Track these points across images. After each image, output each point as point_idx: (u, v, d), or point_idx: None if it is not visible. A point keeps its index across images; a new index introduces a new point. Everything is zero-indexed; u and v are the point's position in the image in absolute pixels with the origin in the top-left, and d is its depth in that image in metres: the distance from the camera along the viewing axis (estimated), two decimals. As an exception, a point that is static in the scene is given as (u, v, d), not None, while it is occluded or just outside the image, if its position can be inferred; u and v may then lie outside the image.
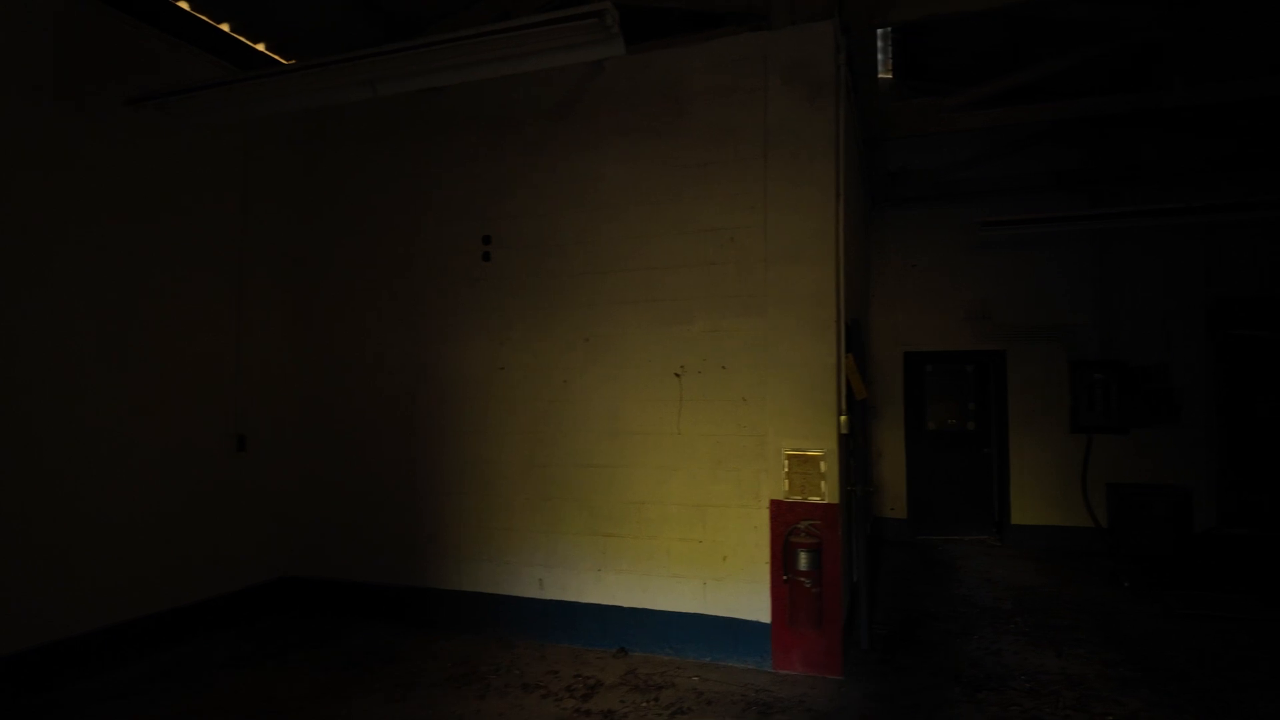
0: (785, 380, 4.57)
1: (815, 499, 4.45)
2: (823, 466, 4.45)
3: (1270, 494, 7.51)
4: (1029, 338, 8.30)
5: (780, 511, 4.51)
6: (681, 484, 4.81)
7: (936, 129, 6.52)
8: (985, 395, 8.71)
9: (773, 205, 4.66)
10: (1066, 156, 8.14)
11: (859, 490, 4.94)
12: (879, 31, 7.22)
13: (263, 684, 4.29)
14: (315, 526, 5.79)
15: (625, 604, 4.88)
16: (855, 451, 5.02)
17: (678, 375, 4.85)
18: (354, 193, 5.85)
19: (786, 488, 4.51)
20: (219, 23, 5.31)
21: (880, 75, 7.89)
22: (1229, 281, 7.76)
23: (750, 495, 4.63)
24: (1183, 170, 7.61)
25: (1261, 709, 3.92)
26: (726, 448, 4.71)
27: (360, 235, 5.81)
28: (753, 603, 4.59)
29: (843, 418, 4.58)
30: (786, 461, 4.52)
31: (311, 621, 5.48)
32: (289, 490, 5.80)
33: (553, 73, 5.21)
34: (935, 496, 8.68)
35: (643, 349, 4.95)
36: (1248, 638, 5.05)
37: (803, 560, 4.32)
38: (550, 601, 5.07)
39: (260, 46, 5.69)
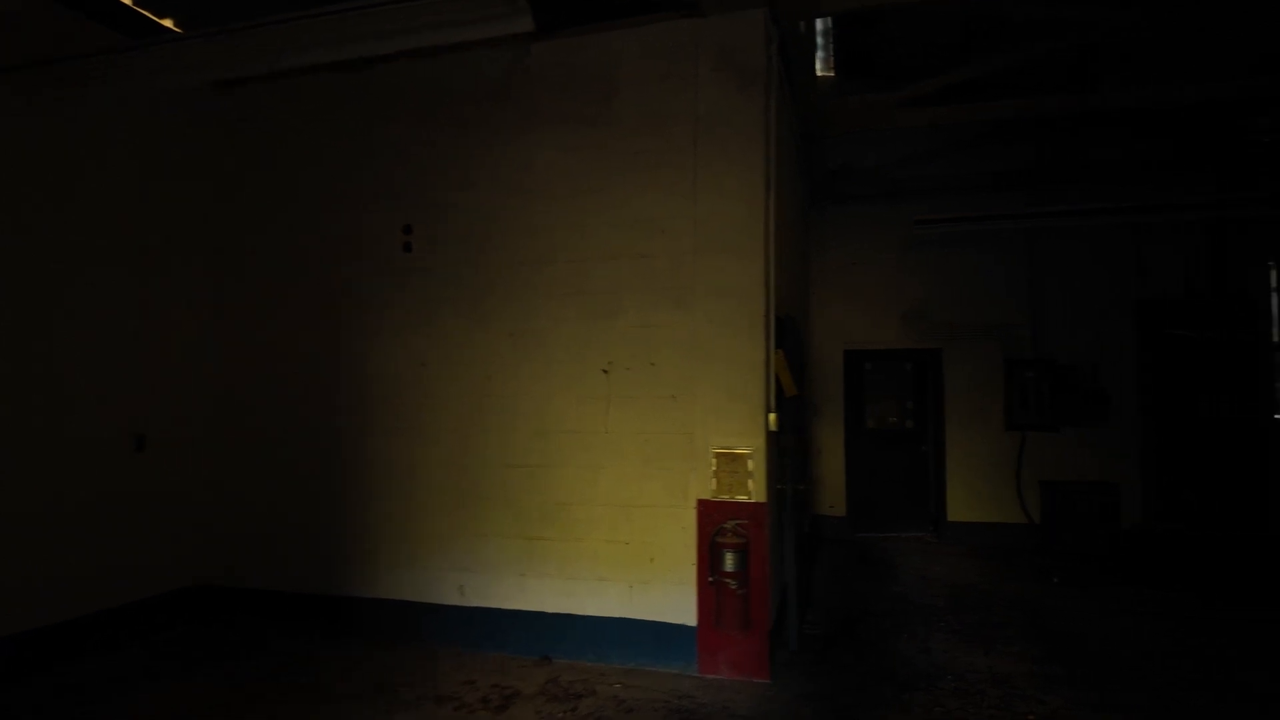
0: (714, 377, 4.45)
1: (743, 498, 4.34)
2: (750, 465, 4.34)
3: (1196, 490, 7.72)
4: (965, 336, 8.38)
5: (708, 511, 4.38)
6: (609, 484, 4.65)
7: (878, 125, 6.50)
8: (923, 394, 8.78)
9: (702, 196, 4.54)
10: (1009, 155, 8.21)
11: (790, 489, 4.86)
12: (820, 26, 7.19)
13: (165, 701, 3.98)
14: (229, 531, 5.45)
15: (550, 610, 4.70)
16: (787, 449, 4.93)
17: (605, 371, 4.69)
18: (274, 176, 5.52)
19: (714, 486, 4.39)
20: (119, -4, 4.95)
21: (823, 73, 7.89)
22: (1158, 282, 7.95)
23: (679, 494, 4.50)
24: (1119, 172, 7.77)
25: (1184, 705, 3.94)
26: (655, 446, 4.56)
27: (279, 222, 5.49)
28: (679, 605, 4.45)
29: (771, 415, 4.47)
30: (714, 460, 4.40)
31: (228, 632, 5.14)
32: (199, 493, 5.44)
33: (482, 57, 5.00)
34: (875, 494, 8.71)
35: (572, 344, 4.77)
36: (1172, 635, 5.11)
37: (728, 561, 4.20)
38: (473, 609, 4.85)
39: (167, 22, 5.33)
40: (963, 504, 8.32)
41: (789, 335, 4.93)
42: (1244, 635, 5.09)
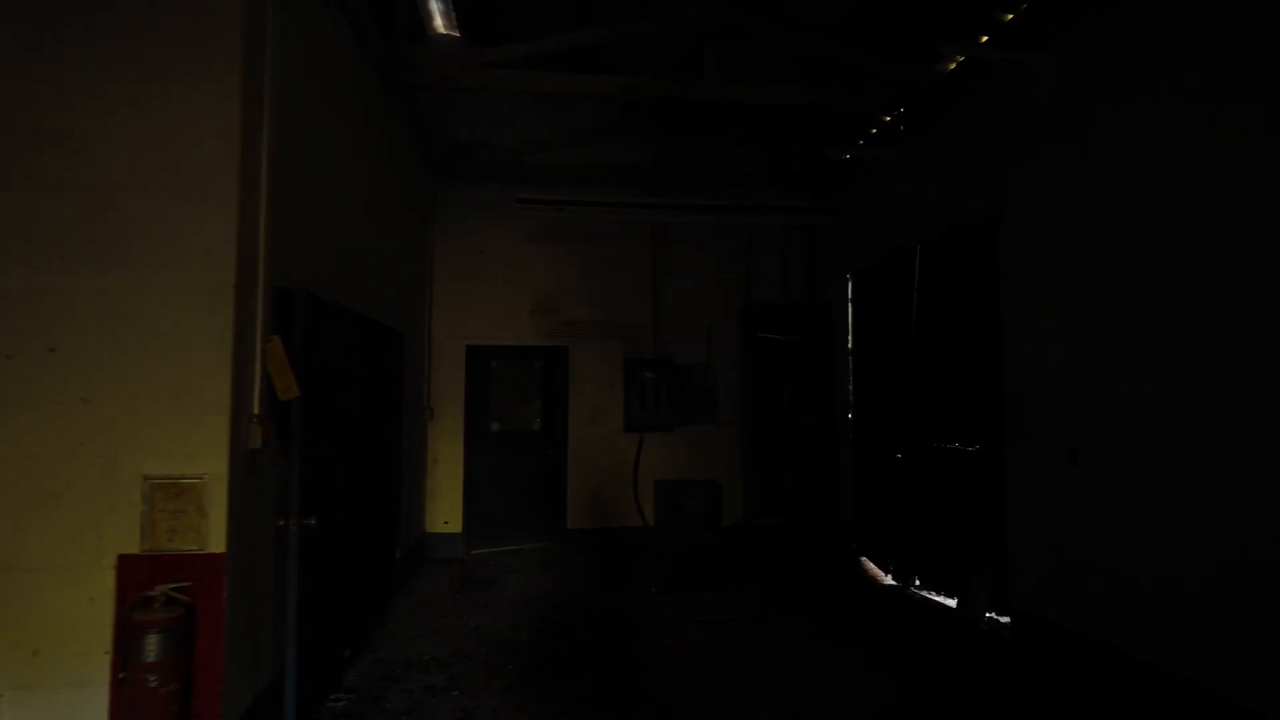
0: (154, 371, 3.04)
1: (191, 548, 2.99)
2: (207, 499, 3.02)
3: (788, 484, 8.25)
4: (592, 335, 8.00)
5: (132, 572, 2.95)
6: (-30, 538, 2.95)
7: (476, 88, 5.61)
8: (554, 394, 8.21)
9: (146, 105, 3.09)
10: (635, 153, 8.01)
11: (297, 526, 3.61)
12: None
13: None
14: None
15: None
16: (305, 467, 3.68)
17: (-31, 361, 2.97)
18: None
19: (147, 534, 2.97)
20: None
21: (446, 31, 6.83)
22: (761, 288, 8.38)
23: (90, 548, 2.97)
24: (728, 178, 7.99)
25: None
26: (53, 475, 2.98)
27: None
28: (85, 717, 2.94)
29: (254, 426, 3.21)
30: (148, 493, 2.98)
31: None
32: None
33: None
34: (497, 504, 7.89)
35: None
36: (751, 646, 4.98)
37: (150, 647, 2.82)
38: None
39: None
40: (583, 510, 7.90)
41: (308, 317, 3.69)
42: (812, 630, 5.18)
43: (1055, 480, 4.60)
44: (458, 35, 6.06)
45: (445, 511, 7.64)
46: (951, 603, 5.79)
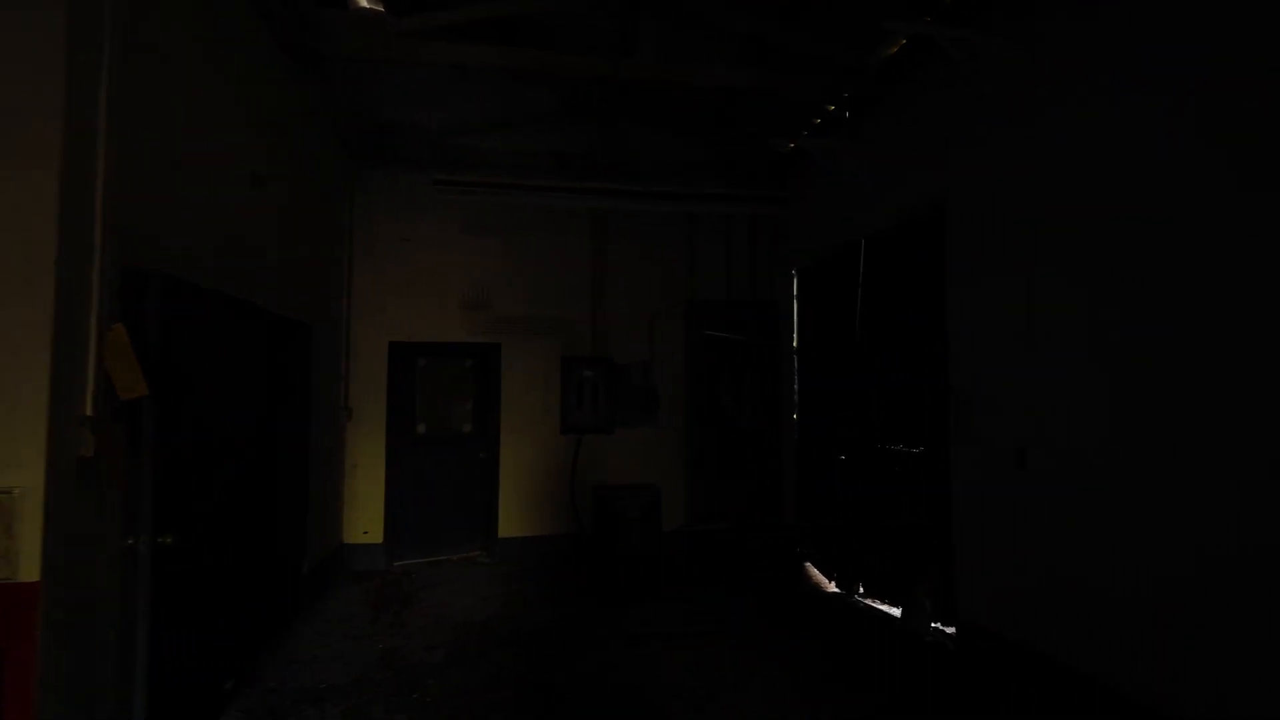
0: (-50, 364, 2.51)
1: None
2: (18, 515, 2.51)
3: (732, 488, 7.93)
4: (527, 331, 7.56)
5: (-84, 607, 2.43)
6: None
7: (387, 55, 5.12)
8: (486, 393, 7.74)
9: (-55, 44, 2.57)
10: (572, 140, 7.59)
11: (149, 545, 3.11)
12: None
13: None
14: None
15: None
16: (163, 476, 3.18)
17: None
18: None
19: (-63, 561, 2.45)
20: None
21: (371, 4, 6.31)
22: (705, 285, 8.06)
23: None
24: (669, 169, 7.63)
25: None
26: None
27: None
28: None
29: (86, 430, 2.70)
30: (-60, 512, 2.46)
31: None
32: None
33: None
34: (423, 512, 7.38)
35: None
36: (681, 669, 4.62)
37: (-70, 701, 2.31)
38: None
39: None
40: (516, 516, 7.45)
41: (166, 304, 3.19)
42: (750, 647, 4.85)
43: (1003, 483, 4.36)
44: (381, 10, 5.58)
45: (365, 520, 7.10)
46: (897, 611, 5.54)
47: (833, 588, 6.46)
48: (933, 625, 5.09)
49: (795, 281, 7.70)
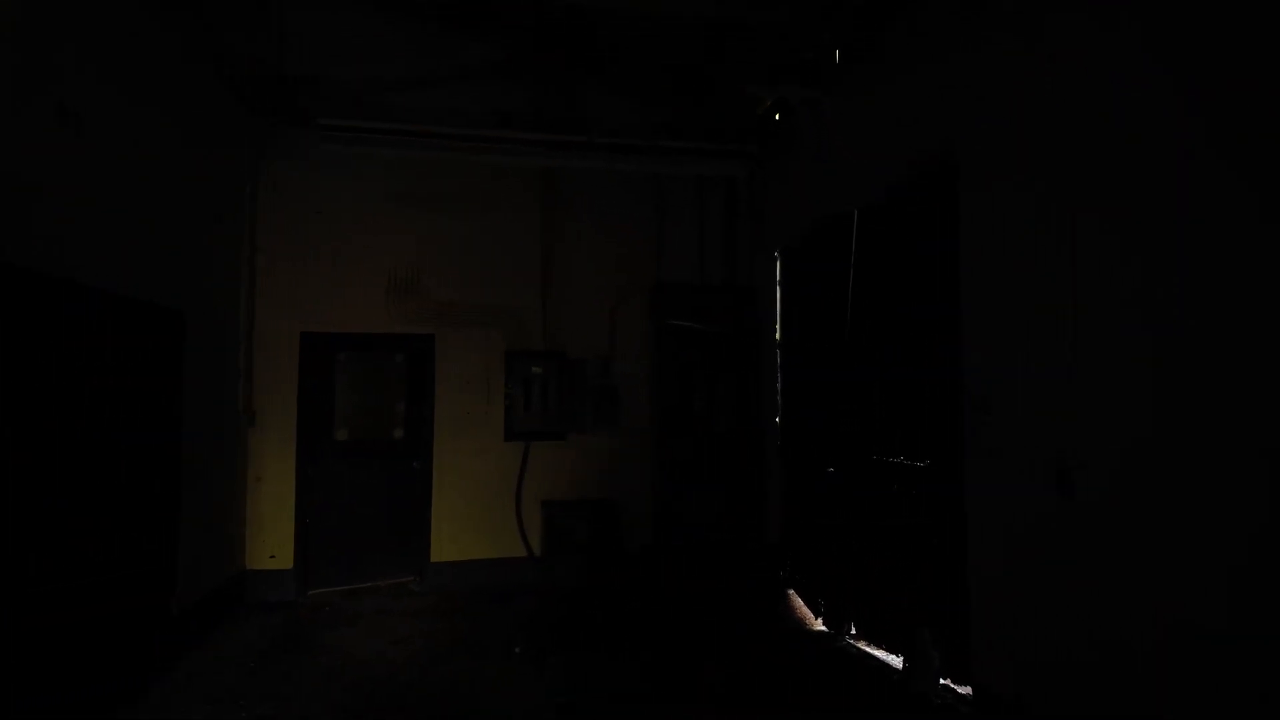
0: None
1: None
2: None
3: (706, 500, 6.91)
4: (466, 320, 6.51)
5: None
6: None
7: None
8: (419, 393, 6.68)
9: None
10: (521, 99, 6.53)
11: None
12: None
13: None
14: None
15: None
16: None
17: None
18: None
19: None
20: None
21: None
22: (674, 268, 7.02)
23: None
24: (632, 131, 6.58)
25: None
26: None
27: None
28: None
29: None
30: None
31: None
32: None
33: None
34: (344, 532, 6.31)
35: None
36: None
37: None
38: None
39: None
40: (452, 538, 6.40)
41: None
42: None
43: (1036, 509, 3.36)
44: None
45: (272, 543, 6.04)
46: (896, 662, 4.54)
47: (819, 625, 5.44)
48: (941, 683, 4.09)
49: (779, 264, 6.68)
